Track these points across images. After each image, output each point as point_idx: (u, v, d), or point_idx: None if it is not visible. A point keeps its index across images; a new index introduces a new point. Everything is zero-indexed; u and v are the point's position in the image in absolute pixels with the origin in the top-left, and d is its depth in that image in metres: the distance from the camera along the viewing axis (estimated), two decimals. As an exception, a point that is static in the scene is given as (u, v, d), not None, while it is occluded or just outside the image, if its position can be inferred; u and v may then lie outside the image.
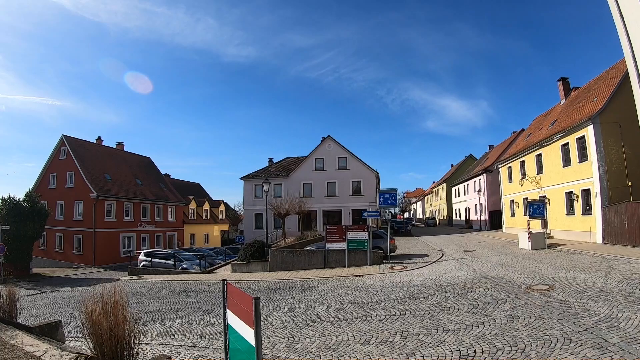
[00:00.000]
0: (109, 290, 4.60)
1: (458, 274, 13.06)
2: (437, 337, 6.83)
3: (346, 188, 36.88)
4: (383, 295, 11.06)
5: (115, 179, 36.14)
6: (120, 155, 41.29)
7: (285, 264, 18.15)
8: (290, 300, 11.49)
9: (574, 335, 6.07)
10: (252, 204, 38.06)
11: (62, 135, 35.12)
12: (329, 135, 38.50)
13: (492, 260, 15.38)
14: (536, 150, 25.57)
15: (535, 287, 9.85)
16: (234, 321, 3.49)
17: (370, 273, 15.02)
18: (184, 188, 49.56)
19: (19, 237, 24.14)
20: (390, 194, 18.74)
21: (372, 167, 37.41)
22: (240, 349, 3.32)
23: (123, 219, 34.91)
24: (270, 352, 6.90)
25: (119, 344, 4.13)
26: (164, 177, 46.02)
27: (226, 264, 23.87)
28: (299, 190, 36.01)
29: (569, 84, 27.57)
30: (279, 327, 8.64)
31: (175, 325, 9.90)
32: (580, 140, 20.28)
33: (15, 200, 25.08)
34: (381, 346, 6.71)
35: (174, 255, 23.96)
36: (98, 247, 31.62)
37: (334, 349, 6.80)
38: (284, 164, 41.16)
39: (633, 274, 10.27)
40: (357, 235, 17.49)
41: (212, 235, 49.68)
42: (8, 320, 6.40)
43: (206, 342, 8.00)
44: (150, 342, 8.07)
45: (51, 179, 35.27)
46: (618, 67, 20.44)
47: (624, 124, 17.60)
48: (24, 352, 4.62)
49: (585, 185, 19.79)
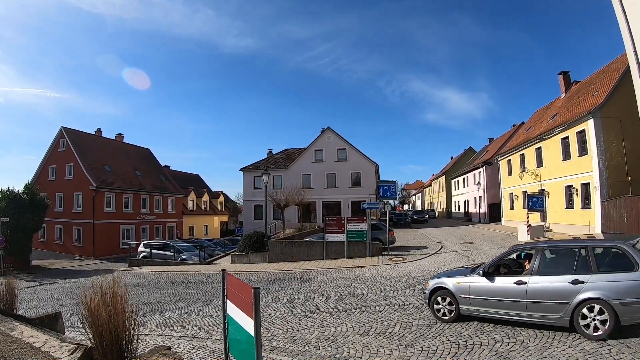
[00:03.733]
0: (109, 281, 4.59)
1: (457, 266, 13.09)
2: (435, 328, 6.87)
3: (346, 180, 36.87)
4: (382, 286, 11.11)
5: (114, 170, 36.06)
6: (119, 146, 41.15)
7: (285, 255, 18.20)
8: (289, 291, 11.54)
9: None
10: (251, 195, 38.05)
11: (61, 127, 34.95)
12: (329, 127, 38.34)
13: (491, 253, 15.39)
14: (536, 143, 25.53)
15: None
16: (234, 312, 3.48)
17: (370, 264, 15.08)
18: (184, 179, 49.49)
19: (18, 229, 24.13)
20: (390, 186, 18.72)
21: (372, 159, 37.43)
22: (240, 340, 3.32)
23: (122, 210, 34.90)
24: (269, 342, 6.94)
25: (119, 335, 4.13)
26: (163, 169, 45.94)
27: (225, 255, 23.93)
28: (298, 181, 35.96)
29: (569, 77, 27.45)
30: (278, 318, 8.68)
31: (174, 316, 9.94)
32: (581, 134, 20.24)
33: (15, 193, 25.01)
34: (380, 337, 6.75)
35: (174, 247, 24.00)
36: (98, 238, 31.65)
37: (332, 340, 6.83)
38: (284, 156, 41.07)
39: (631, 267, 10.30)
40: (357, 226, 17.52)
41: (211, 226, 49.77)
42: (8, 312, 6.40)
43: (205, 333, 8.04)
44: (149, 333, 8.11)
45: (50, 170, 35.19)
46: (619, 62, 20.31)
47: (625, 118, 17.55)
48: (24, 343, 4.63)
49: (584, 179, 19.79)
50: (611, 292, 5.41)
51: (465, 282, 6.98)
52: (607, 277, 5.58)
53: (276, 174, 37.23)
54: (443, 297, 7.25)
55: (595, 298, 5.50)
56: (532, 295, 6.05)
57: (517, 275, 6.45)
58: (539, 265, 6.27)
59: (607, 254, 6.00)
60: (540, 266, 6.26)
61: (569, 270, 5.92)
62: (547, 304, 5.92)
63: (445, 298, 7.21)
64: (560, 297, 5.80)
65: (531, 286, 6.10)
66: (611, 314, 5.36)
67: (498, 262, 6.96)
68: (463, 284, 6.99)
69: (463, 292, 6.93)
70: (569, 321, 5.73)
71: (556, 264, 6.36)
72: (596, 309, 5.49)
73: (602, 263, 5.83)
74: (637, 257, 5.49)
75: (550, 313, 5.91)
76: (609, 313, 5.38)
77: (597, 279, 5.60)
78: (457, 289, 7.03)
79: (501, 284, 6.51)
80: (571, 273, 5.86)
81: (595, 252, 5.92)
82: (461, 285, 7.01)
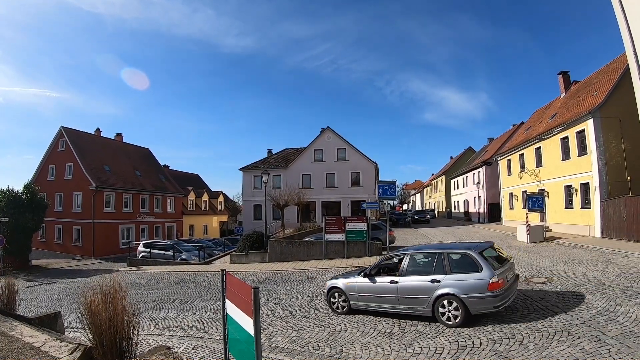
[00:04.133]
0: (108, 281, 4.59)
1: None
2: (435, 328, 6.87)
3: (345, 179, 36.87)
4: (382, 287, 11.09)
5: (114, 170, 36.03)
6: (119, 146, 41.10)
7: (284, 255, 18.19)
8: (289, 291, 11.54)
9: (571, 328, 6.10)
10: (251, 195, 38.02)
11: (60, 126, 34.88)
12: (328, 127, 38.32)
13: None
14: (536, 143, 25.53)
15: (533, 280, 9.89)
16: (233, 311, 3.48)
17: (369, 264, 15.05)
18: (183, 179, 49.45)
19: (18, 229, 24.08)
20: (390, 186, 18.69)
21: (371, 159, 37.41)
22: (240, 339, 3.32)
23: (122, 210, 34.87)
24: (269, 342, 6.94)
25: (118, 334, 4.13)
26: (163, 168, 45.89)
27: (225, 254, 23.92)
28: (298, 181, 35.94)
29: (569, 77, 27.41)
30: (277, 318, 8.69)
31: (174, 315, 9.94)
32: (580, 134, 20.24)
33: (14, 192, 24.95)
34: (379, 337, 6.75)
35: (173, 246, 23.99)
36: (97, 238, 31.62)
37: (332, 340, 6.84)
38: (283, 155, 41.05)
39: (631, 268, 10.32)
40: (356, 226, 17.51)
41: (211, 226, 49.74)
42: (7, 311, 6.40)
43: (205, 333, 8.04)
44: (149, 333, 8.11)
45: (50, 170, 35.12)
46: (619, 62, 20.30)
47: (624, 118, 17.53)
48: (24, 343, 4.62)
49: (584, 179, 19.79)
50: (461, 289, 6.79)
51: (353, 282, 8.37)
52: (459, 277, 6.95)
53: (276, 173, 37.22)
54: (338, 294, 8.59)
55: (449, 294, 6.88)
56: (402, 292, 7.48)
57: (391, 276, 7.86)
58: (407, 267, 7.74)
59: (459, 259, 7.31)
60: (407, 268, 7.73)
61: (429, 272, 7.33)
62: (413, 298, 7.35)
63: (340, 295, 8.55)
64: (423, 293, 7.19)
65: (401, 284, 7.53)
66: (462, 306, 6.73)
67: (378, 266, 8.48)
68: (351, 284, 8.40)
69: (351, 290, 8.33)
70: (431, 312, 7.08)
71: (420, 266, 7.79)
72: (450, 302, 6.86)
73: (455, 266, 7.19)
74: (482, 261, 6.86)
75: (416, 305, 7.32)
76: (460, 305, 6.74)
77: (451, 278, 7.00)
78: (347, 288, 8.42)
79: (379, 283, 7.91)
80: (431, 274, 7.26)
81: (450, 257, 7.33)
82: (349, 285, 8.42)
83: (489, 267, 6.77)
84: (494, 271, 6.73)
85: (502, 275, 6.81)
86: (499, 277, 6.69)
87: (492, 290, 6.57)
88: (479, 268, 6.80)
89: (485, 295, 6.58)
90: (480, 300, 6.61)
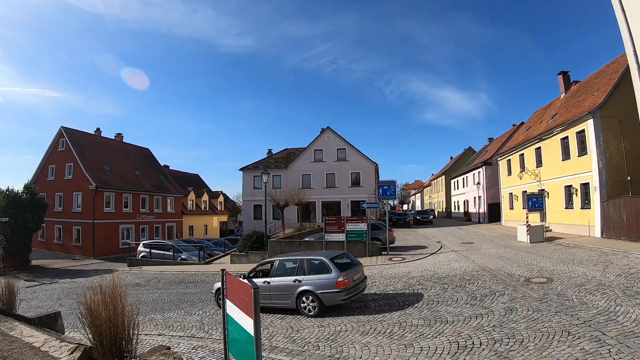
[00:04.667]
0: (108, 281, 4.59)
1: (456, 266, 13.10)
2: (435, 328, 6.86)
3: (345, 179, 36.84)
4: (381, 286, 11.11)
5: (114, 170, 36.01)
6: (119, 146, 41.06)
7: (284, 256, 18.18)
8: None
9: (571, 327, 6.10)
10: (251, 195, 37.99)
11: (60, 126, 34.83)
12: (328, 127, 38.29)
13: (491, 253, 15.43)
14: (536, 143, 25.52)
15: (533, 280, 9.89)
16: (233, 311, 3.48)
17: (369, 264, 15.05)
18: (183, 179, 49.41)
19: (18, 229, 24.08)
20: (390, 186, 18.71)
21: (371, 159, 37.37)
22: (240, 339, 3.32)
23: (122, 210, 34.84)
24: (269, 342, 6.93)
25: (118, 334, 4.13)
26: (163, 168, 45.83)
27: (225, 254, 23.91)
28: (298, 181, 35.92)
29: (569, 77, 27.39)
30: (277, 318, 8.70)
31: (174, 315, 9.94)
32: (580, 134, 20.22)
33: (14, 192, 24.94)
34: (380, 337, 6.75)
35: (173, 246, 23.98)
36: (97, 238, 31.60)
37: (332, 340, 6.83)
38: (283, 155, 41.02)
39: (631, 268, 10.31)
40: (356, 226, 17.50)
41: (211, 226, 49.70)
42: (7, 311, 6.40)
43: (205, 333, 8.04)
44: (149, 333, 8.11)
45: (50, 170, 35.08)
46: (619, 62, 20.29)
47: (624, 118, 17.52)
48: (24, 343, 4.62)
49: (584, 179, 19.78)
50: (316, 287, 8.70)
51: None
52: (315, 277, 8.89)
53: (276, 173, 37.19)
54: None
55: (308, 290, 8.75)
56: (273, 290, 9.21)
57: (265, 277, 9.54)
58: (277, 270, 9.56)
59: (317, 264, 9.17)
60: (277, 271, 9.55)
61: (293, 273, 9.24)
62: (281, 294, 9.12)
63: None
64: (288, 290, 9.01)
65: (272, 284, 9.27)
66: (317, 300, 8.63)
67: (255, 270, 10.15)
68: None
69: None
70: (295, 305, 8.87)
71: (286, 269, 9.57)
72: (308, 297, 8.76)
73: (312, 269, 9.13)
74: (332, 265, 8.86)
75: (284, 300, 9.09)
76: (316, 299, 8.65)
77: (309, 278, 8.92)
78: None
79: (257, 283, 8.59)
80: (294, 275, 9.17)
81: (310, 262, 9.26)
82: None
83: (337, 270, 8.72)
84: (341, 273, 8.67)
85: (347, 275, 8.74)
86: (344, 277, 8.63)
87: (339, 287, 8.51)
88: (329, 270, 8.76)
89: (334, 291, 8.50)
90: (330, 295, 8.53)
